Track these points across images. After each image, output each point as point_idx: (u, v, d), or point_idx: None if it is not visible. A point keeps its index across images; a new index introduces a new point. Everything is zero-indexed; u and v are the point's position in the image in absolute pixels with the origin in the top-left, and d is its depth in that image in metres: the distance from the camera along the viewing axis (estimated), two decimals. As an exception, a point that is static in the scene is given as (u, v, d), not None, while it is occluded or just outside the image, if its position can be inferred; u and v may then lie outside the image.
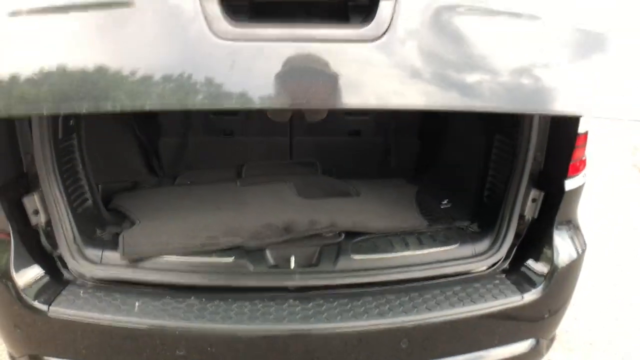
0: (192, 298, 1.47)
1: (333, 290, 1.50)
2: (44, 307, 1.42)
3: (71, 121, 1.64)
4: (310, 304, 1.44)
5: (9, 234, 1.45)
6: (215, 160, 2.44)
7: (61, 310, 1.42)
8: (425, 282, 1.55)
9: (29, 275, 1.49)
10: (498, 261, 1.61)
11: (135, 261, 1.54)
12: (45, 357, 1.50)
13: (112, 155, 2.29)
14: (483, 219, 1.79)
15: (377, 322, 1.40)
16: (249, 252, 1.59)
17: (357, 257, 1.57)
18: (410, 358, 1.45)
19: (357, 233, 1.71)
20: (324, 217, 1.74)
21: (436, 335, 1.47)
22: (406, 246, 1.64)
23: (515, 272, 1.62)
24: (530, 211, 1.62)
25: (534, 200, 1.61)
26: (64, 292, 1.49)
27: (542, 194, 1.60)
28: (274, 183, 2.14)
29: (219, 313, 1.40)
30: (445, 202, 2.06)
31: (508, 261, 1.65)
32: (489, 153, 1.85)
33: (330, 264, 1.54)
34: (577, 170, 1.59)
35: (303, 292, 1.48)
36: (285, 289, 1.49)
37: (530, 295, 1.51)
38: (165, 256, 1.55)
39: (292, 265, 1.55)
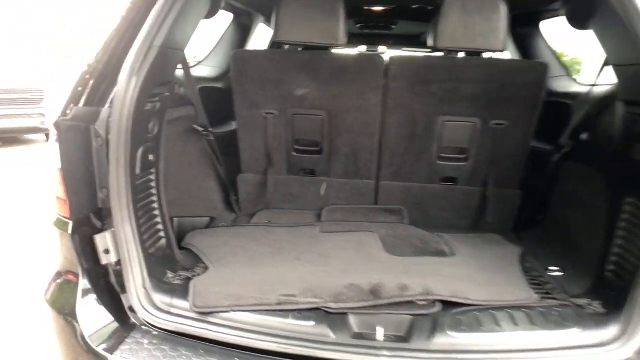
0: None
1: None
2: (106, 355, 1.31)
3: (151, 156, 1.56)
4: None
5: (77, 275, 1.37)
6: (294, 200, 2.29)
7: None
8: None
9: (94, 318, 1.39)
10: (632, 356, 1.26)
11: (205, 314, 1.39)
12: None
13: (190, 188, 2.22)
14: (607, 298, 1.44)
15: None
16: (329, 316, 1.38)
17: (456, 334, 1.30)
18: None
19: (455, 304, 1.43)
20: (416, 281, 1.49)
21: None
22: (515, 325, 1.34)
23: None
24: None
25: None
26: (128, 340, 1.36)
27: None
28: (357, 233, 1.93)
29: None
30: (554, 268, 1.72)
31: None
32: (616, 218, 1.51)
33: (424, 340, 1.28)
34: None
35: None
36: None
37: None
38: (237, 312, 1.38)
39: (380, 337, 1.31)
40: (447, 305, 1.43)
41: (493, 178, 2.08)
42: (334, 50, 2.05)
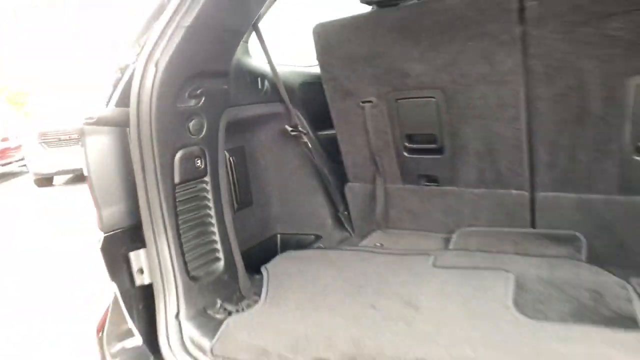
0: None
1: None
2: None
3: (198, 162, 1.31)
4: None
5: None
6: (416, 218, 1.73)
7: None
8: None
9: (122, 341, 1.22)
10: None
11: None
12: None
13: (295, 201, 1.92)
14: None
15: None
16: None
17: None
18: None
19: None
20: None
21: None
22: None
23: None
24: None
25: None
26: None
27: None
28: (486, 271, 1.26)
29: None
30: None
31: None
32: None
33: None
34: None
35: None
36: None
37: None
38: None
39: None
40: None
41: None
42: None
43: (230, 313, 1.25)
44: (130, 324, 1.25)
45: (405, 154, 1.64)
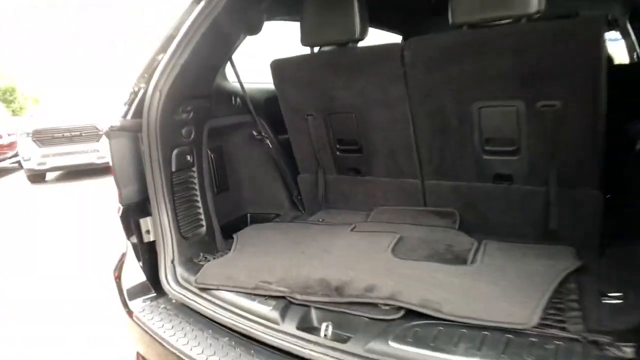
0: (227, 339, 1.42)
1: None
2: (130, 311, 1.67)
3: (188, 157, 1.89)
4: None
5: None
6: (347, 200, 2.32)
7: (140, 319, 1.62)
8: None
9: (133, 281, 1.78)
10: None
11: (203, 290, 1.61)
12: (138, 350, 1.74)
13: (260, 189, 2.51)
14: None
15: None
16: (292, 306, 1.42)
17: (395, 345, 1.17)
18: None
19: (428, 315, 1.27)
20: (389, 284, 1.39)
21: None
22: (476, 350, 1.11)
23: None
24: None
25: None
26: (152, 302, 1.70)
27: None
28: (381, 233, 1.86)
29: None
30: (615, 294, 1.30)
31: None
32: None
33: (360, 345, 1.20)
34: None
35: None
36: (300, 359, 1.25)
37: None
38: (223, 292, 1.56)
39: (322, 333, 1.29)
40: (417, 315, 1.28)
41: (555, 175, 1.67)
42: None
43: (209, 261, 1.83)
44: (139, 268, 1.81)
45: (338, 153, 2.23)
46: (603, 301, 1.29)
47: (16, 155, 12.03)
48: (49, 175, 10.18)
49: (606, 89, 1.47)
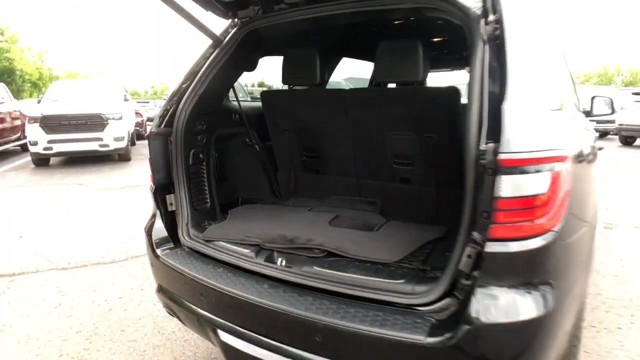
0: (222, 269, 2.33)
1: (293, 286, 2.07)
2: (159, 255, 2.57)
3: (201, 155, 2.79)
4: (273, 289, 2.07)
5: (155, 215, 2.69)
6: (311, 191, 3.26)
7: (164, 258, 2.52)
8: (355, 300, 1.91)
9: (159, 236, 2.68)
10: (423, 303, 1.74)
11: (207, 241, 2.52)
12: (162, 286, 2.63)
13: (250, 180, 3.44)
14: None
15: (303, 314, 1.90)
16: (264, 250, 2.33)
17: (317, 269, 2.09)
18: (320, 349, 1.86)
19: (340, 255, 2.20)
20: (320, 238, 2.31)
21: (343, 340, 1.80)
22: (361, 270, 2.03)
23: (443, 320, 1.64)
24: (466, 267, 1.67)
25: (469, 256, 1.67)
26: (172, 250, 2.60)
27: (476, 251, 1.70)
28: (328, 213, 2.79)
29: (230, 279, 2.20)
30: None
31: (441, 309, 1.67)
32: None
33: (298, 268, 2.12)
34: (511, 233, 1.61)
35: (274, 281, 2.12)
36: (265, 276, 2.16)
37: (433, 340, 1.55)
38: (220, 242, 2.48)
39: (278, 263, 2.21)
40: (334, 255, 2.21)
41: (435, 180, 2.63)
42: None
43: (211, 225, 2.73)
44: (164, 228, 2.71)
45: (304, 158, 3.16)
46: (445, 254, 2.24)
47: (19, 139, 12.68)
48: (53, 160, 10.88)
49: (463, 125, 2.43)
